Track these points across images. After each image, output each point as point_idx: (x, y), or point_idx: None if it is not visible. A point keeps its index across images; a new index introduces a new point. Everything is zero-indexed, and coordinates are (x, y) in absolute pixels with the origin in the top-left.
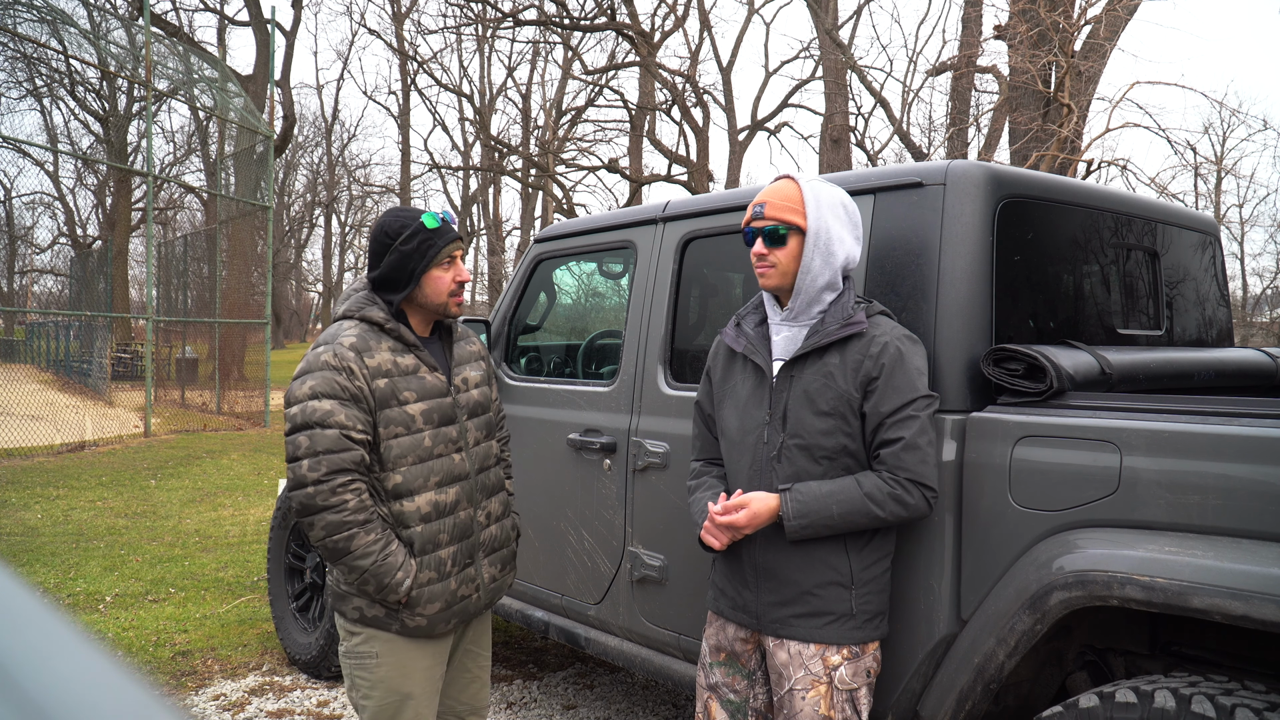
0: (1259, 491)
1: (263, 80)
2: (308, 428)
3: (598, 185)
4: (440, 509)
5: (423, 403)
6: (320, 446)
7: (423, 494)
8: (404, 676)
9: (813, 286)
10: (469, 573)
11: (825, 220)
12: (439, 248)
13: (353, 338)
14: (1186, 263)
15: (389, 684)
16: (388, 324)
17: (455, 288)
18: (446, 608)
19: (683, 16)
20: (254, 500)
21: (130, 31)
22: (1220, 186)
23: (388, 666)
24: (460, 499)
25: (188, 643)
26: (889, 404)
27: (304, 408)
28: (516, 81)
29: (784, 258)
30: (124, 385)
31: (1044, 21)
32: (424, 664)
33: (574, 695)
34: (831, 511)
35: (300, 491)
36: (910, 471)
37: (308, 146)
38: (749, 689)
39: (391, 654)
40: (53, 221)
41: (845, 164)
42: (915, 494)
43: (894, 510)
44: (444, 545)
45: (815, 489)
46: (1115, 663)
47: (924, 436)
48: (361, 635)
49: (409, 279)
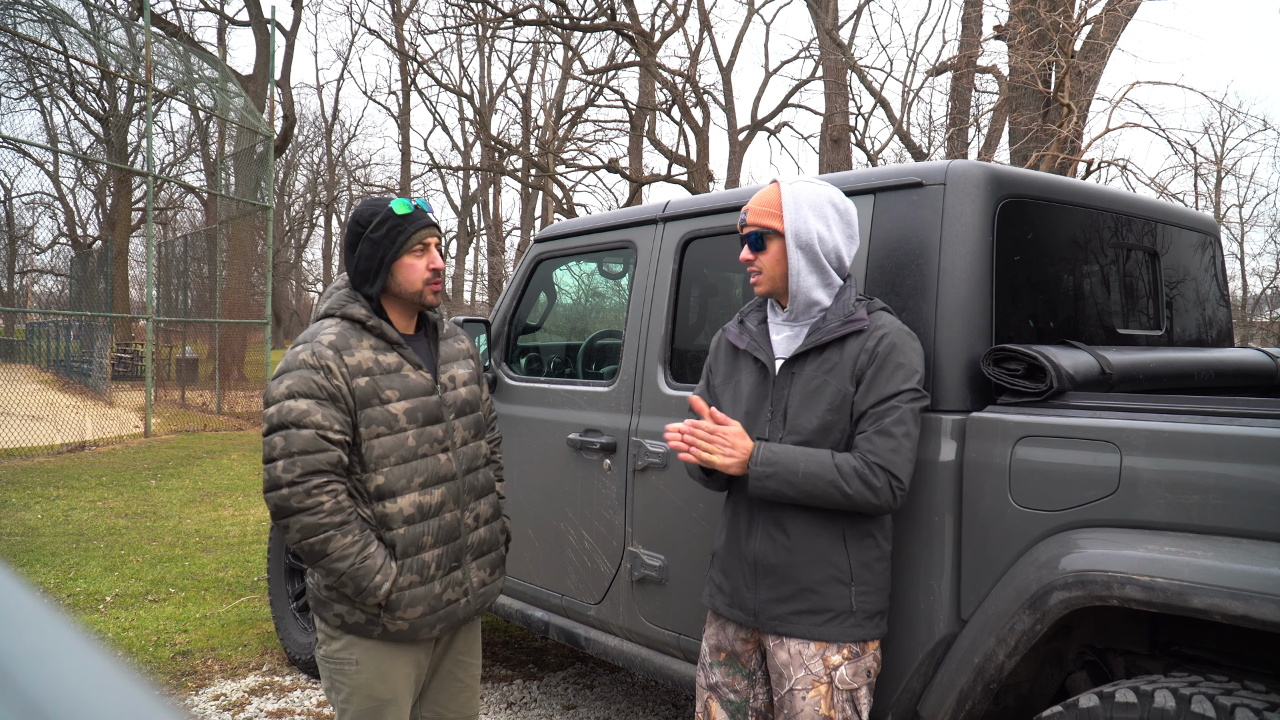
0: (1259, 491)
1: (263, 80)
2: (283, 428)
3: (598, 185)
4: (425, 511)
5: (406, 401)
6: (295, 447)
7: (406, 495)
8: (384, 683)
9: (805, 285)
10: (455, 576)
11: (804, 219)
12: (409, 233)
13: (332, 335)
14: (1186, 263)
15: (368, 690)
16: (369, 321)
17: (430, 275)
18: (430, 611)
19: (683, 16)
20: (254, 500)
21: (130, 31)
22: (1220, 186)
23: (367, 673)
24: (446, 500)
25: (188, 643)
26: (874, 394)
27: (280, 408)
28: (516, 81)
29: (768, 262)
30: (124, 385)
31: (1044, 21)
32: (404, 670)
33: (574, 695)
34: (797, 469)
35: (275, 493)
36: (880, 457)
37: (308, 146)
38: (749, 689)
39: (371, 660)
40: (53, 221)
41: (845, 164)
42: (882, 479)
43: (859, 489)
44: (428, 548)
45: (789, 448)
46: (1115, 663)
47: (900, 427)
48: (341, 641)
49: (379, 267)
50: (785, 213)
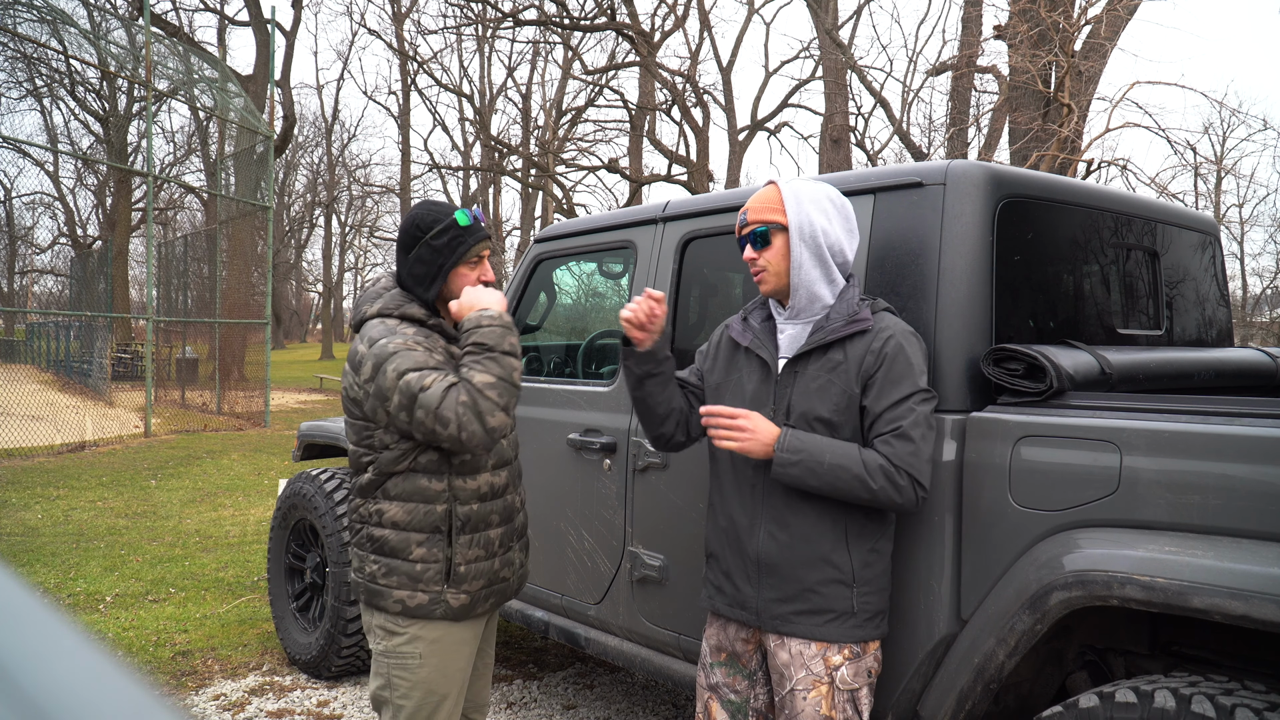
0: (1259, 491)
1: (263, 80)
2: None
3: (598, 185)
4: (494, 490)
5: None
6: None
7: (483, 474)
8: (444, 676)
9: (808, 281)
10: (510, 555)
11: (806, 213)
12: (469, 245)
13: (411, 329)
14: (1186, 263)
15: (429, 685)
16: (430, 320)
17: (480, 287)
18: (488, 585)
19: (683, 16)
20: (254, 500)
21: (130, 31)
22: (1220, 186)
23: (429, 668)
24: (509, 482)
25: (188, 643)
26: (887, 398)
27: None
28: (516, 81)
29: (773, 258)
30: (124, 385)
31: (1044, 21)
32: (462, 660)
33: (574, 695)
34: (824, 459)
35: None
36: (903, 461)
37: (308, 146)
38: (750, 689)
39: (434, 653)
40: (53, 221)
41: (845, 164)
42: (905, 480)
43: (883, 486)
44: (494, 525)
45: (816, 437)
46: (1115, 663)
47: (917, 430)
48: (404, 635)
49: (437, 274)
50: (787, 207)
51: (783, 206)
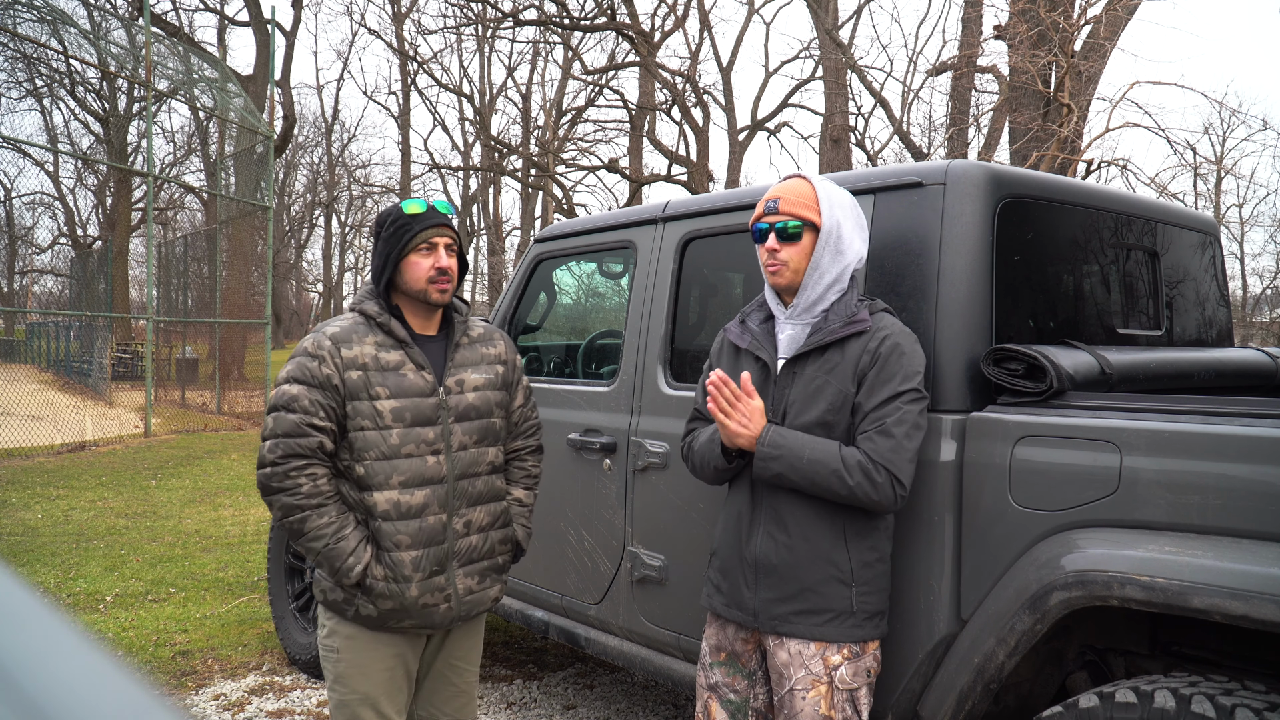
0: (1259, 491)
1: (263, 80)
2: (275, 410)
3: (598, 185)
4: (401, 510)
5: (395, 400)
6: (281, 430)
7: (383, 491)
8: (362, 675)
9: (819, 284)
10: (437, 581)
11: (838, 219)
12: (414, 232)
13: (337, 328)
14: (1186, 263)
15: (348, 681)
16: (379, 317)
17: (434, 274)
18: (401, 609)
19: (683, 16)
20: (254, 500)
21: (130, 31)
22: (1220, 186)
23: (346, 663)
24: (430, 503)
25: (188, 643)
26: (875, 396)
27: (278, 390)
28: (516, 81)
29: (796, 255)
30: (124, 385)
31: (1044, 21)
32: (382, 664)
33: (574, 695)
34: (803, 455)
35: (260, 471)
36: (881, 456)
37: (308, 146)
38: (749, 689)
39: (349, 650)
40: (53, 221)
41: (845, 164)
42: (883, 477)
43: (860, 483)
44: (404, 548)
45: (797, 434)
46: (1115, 663)
47: (901, 428)
48: (326, 627)
49: (384, 265)
50: (823, 208)
51: (818, 206)
